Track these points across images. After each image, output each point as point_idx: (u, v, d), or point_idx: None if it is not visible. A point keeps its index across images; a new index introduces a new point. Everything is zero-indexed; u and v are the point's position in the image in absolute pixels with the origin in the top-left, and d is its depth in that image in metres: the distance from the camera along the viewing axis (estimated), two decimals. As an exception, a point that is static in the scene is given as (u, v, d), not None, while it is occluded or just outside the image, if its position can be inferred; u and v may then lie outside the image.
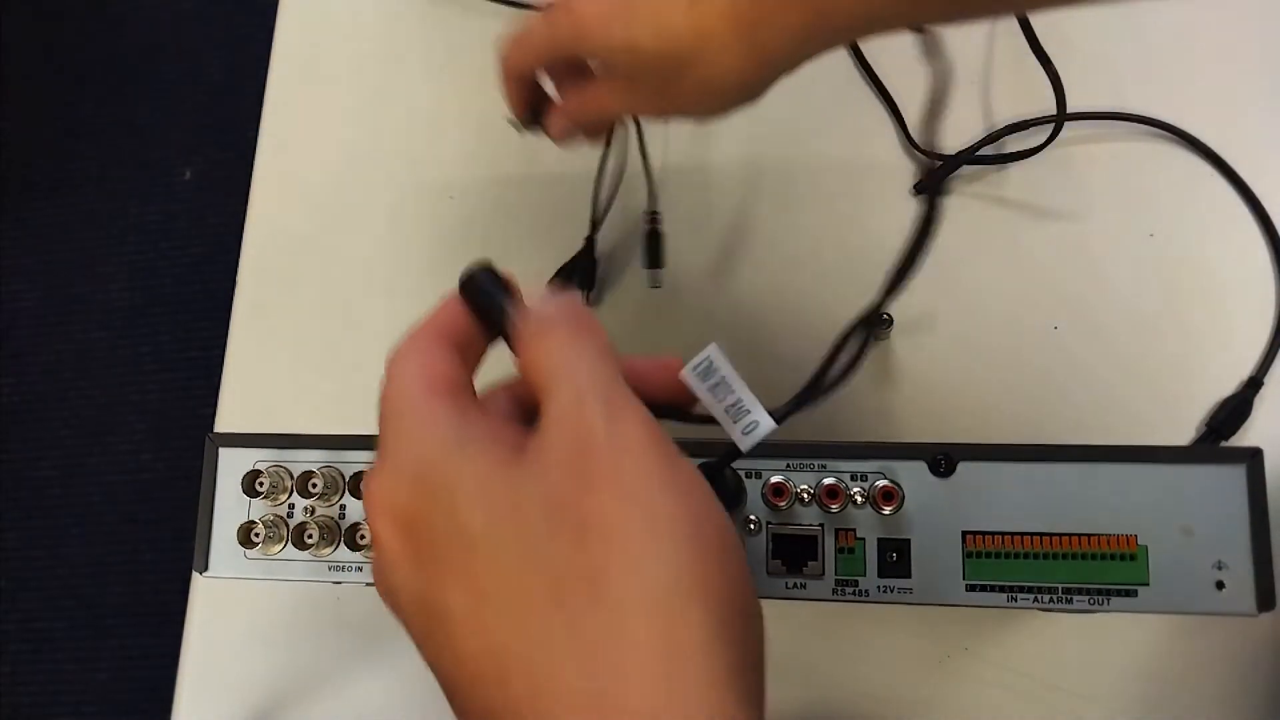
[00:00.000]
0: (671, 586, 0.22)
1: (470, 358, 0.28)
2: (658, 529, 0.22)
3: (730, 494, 0.34)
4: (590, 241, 0.53)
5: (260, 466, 0.37)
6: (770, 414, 0.28)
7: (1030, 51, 0.53)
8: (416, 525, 0.24)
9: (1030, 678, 0.46)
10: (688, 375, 0.27)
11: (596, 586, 0.22)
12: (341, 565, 0.37)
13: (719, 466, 0.32)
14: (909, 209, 0.54)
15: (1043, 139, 0.53)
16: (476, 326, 0.29)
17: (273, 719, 0.50)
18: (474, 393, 0.28)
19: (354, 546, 0.36)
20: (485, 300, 0.28)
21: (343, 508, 0.37)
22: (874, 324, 0.30)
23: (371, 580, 0.37)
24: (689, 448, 0.34)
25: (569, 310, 0.27)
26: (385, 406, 0.26)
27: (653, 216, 0.52)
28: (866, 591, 0.34)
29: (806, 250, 0.54)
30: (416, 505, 0.24)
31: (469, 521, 0.23)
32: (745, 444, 0.27)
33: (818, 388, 0.30)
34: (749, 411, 0.27)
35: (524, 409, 0.28)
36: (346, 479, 0.37)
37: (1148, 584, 0.32)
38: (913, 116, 0.55)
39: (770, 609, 0.35)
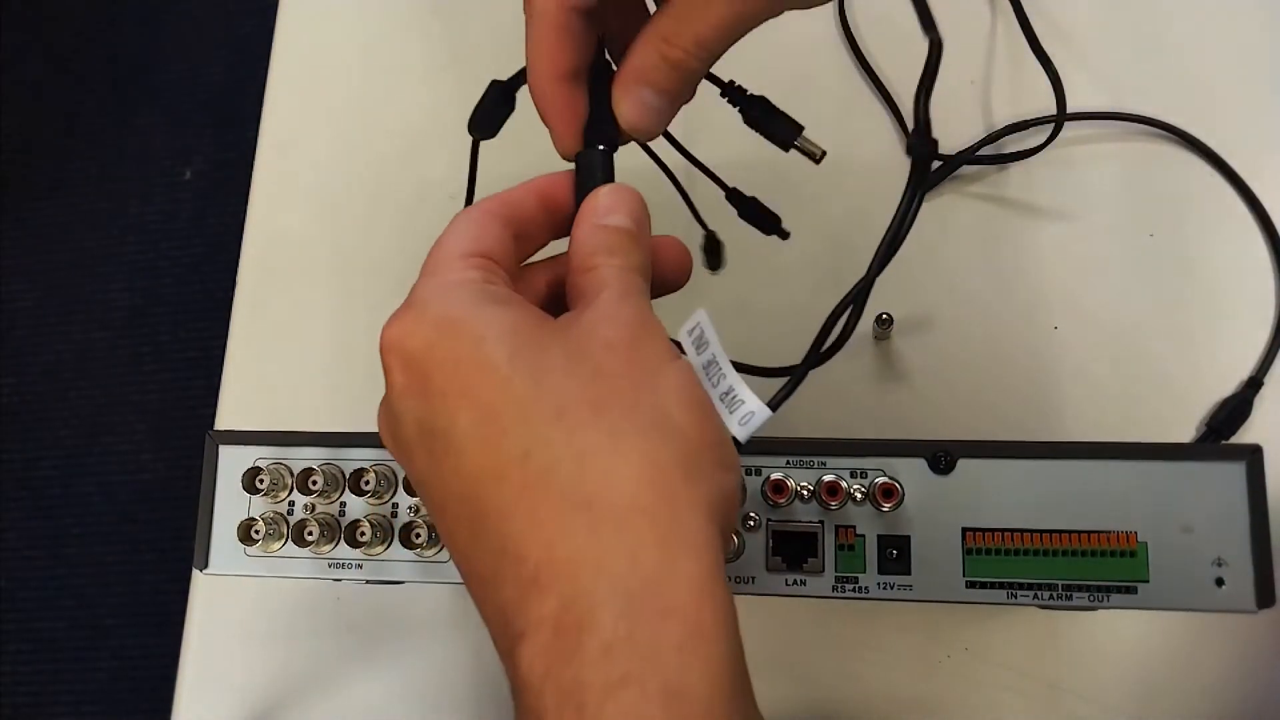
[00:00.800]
0: (662, 424, 0.25)
1: (524, 244, 0.30)
2: (659, 386, 0.25)
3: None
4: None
5: (260, 464, 0.37)
6: (765, 402, 0.28)
7: (1030, 51, 0.53)
8: (432, 359, 0.25)
9: (1030, 677, 0.46)
10: (682, 337, 0.29)
11: (598, 413, 0.24)
12: (341, 563, 0.37)
13: None
14: (909, 208, 0.54)
15: (1043, 139, 0.53)
16: (542, 216, 0.30)
17: (273, 719, 0.50)
18: (513, 274, 0.29)
19: (354, 544, 0.36)
20: (586, 177, 0.30)
21: (343, 505, 0.37)
22: (860, 299, 0.31)
23: (371, 577, 0.37)
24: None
25: (636, 212, 0.29)
26: (427, 261, 0.28)
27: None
28: (866, 589, 0.34)
29: (805, 250, 0.54)
30: (435, 342, 0.26)
31: (492, 353, 0.25)
32: (742, 434, 0.28)
33: (806, 366, 0.30)
34: (744, 401, 0.28)
35: (549, 293, 0.31)
36: (347, 476, 0.37)
37: (1147, 581, 0.32)
38: (913, 116, 0.55)
39: (770, 607, 0.35)
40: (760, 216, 0.40)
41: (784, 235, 0.39)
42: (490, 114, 0.36)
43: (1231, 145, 0.52)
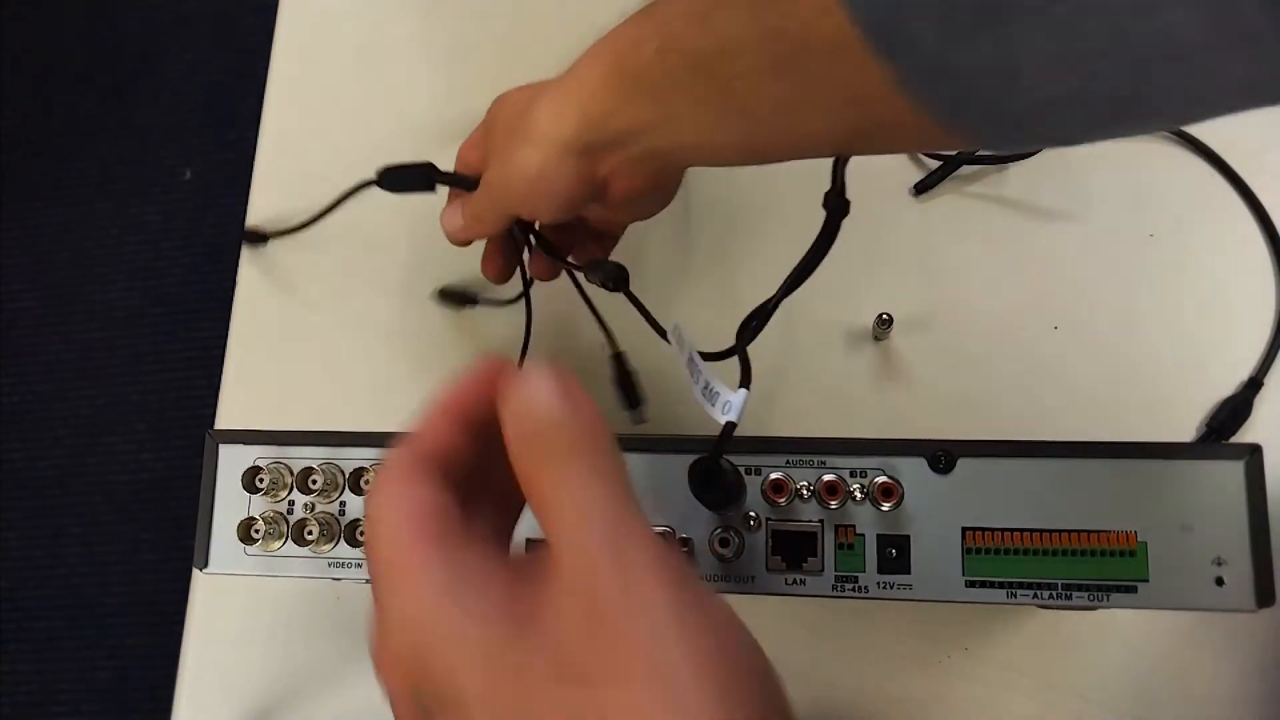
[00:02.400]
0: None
1: (461, 478, 0.26)
2: (667, 673, 0.21)
3: (729, 488, 0.34)
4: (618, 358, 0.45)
5: (260, 463, 0.37)
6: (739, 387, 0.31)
7: (1030, 51, 0.53)
8: (418, 683, 0.23)
9: (1030, 677, 0.46)
10: (670, 329, 0.31)
11: None
12: (341, 562, 0.37)
13: (715, 456, 0.32)
14: (909, 209, 0.54)
15: (1042, 138, 0.53)
16: (465, 442, 0.27)
17: (273, 719, 0.50)
18: (464, 526, 0.25)
19: (354, 543, 0.36)
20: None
21: (343, 504, 0.37)
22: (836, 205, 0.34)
23: (370, 577, 0.37)
24: (677, 442, 0.35)
25: (564, 407, 0.24)
26: (372, 555, 0.25)
27: (618, 358, 0.44)
28: (866, 588, 0.34)
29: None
30: (416, 663, 0.23)
31: (466, 685, 0.22)
32: (732, 416, 0.30)
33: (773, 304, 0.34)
34: (719, 392, 0.30)
35: (511, 513, 0.28)
36: (346, 475, 0.37)
37: (1147, 580, 0.32)
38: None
39: (770, 607, 0.35)
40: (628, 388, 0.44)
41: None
42: (406, 182, 0.45)
43: (1231, 145, 0.52)
